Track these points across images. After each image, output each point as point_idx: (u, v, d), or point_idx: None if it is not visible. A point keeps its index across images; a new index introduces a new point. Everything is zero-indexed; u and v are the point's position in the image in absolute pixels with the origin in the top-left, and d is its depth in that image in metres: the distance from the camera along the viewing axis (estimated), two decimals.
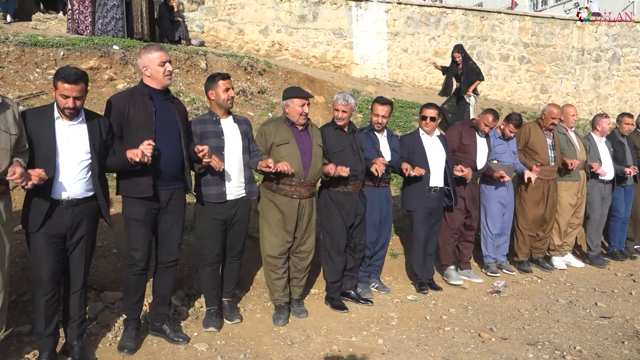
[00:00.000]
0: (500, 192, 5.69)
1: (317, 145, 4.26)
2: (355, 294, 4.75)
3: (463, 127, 5.59)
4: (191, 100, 7.11)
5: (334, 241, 4.51)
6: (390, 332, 4.12)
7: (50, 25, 9.15)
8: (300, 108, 4.14)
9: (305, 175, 4.15)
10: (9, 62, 6.49)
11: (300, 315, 4.33)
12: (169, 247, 3.68)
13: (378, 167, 4.52)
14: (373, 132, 4.89)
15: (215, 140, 3.85)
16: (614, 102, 13.36)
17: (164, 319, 3.74)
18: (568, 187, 6.03)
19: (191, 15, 10.93)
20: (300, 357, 3.62)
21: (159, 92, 3.56)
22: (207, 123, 3.92)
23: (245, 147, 4.02)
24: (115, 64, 7.17)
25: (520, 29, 12.93)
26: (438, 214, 5.16)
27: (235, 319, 4.12)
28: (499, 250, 5.87)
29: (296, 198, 4.14)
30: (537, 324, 4.39)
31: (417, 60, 12.30)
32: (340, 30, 11.87)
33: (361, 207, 4.61)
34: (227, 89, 3.90)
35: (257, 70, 8.68)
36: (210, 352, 3.59)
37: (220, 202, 3.88)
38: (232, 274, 4.17)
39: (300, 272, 4.36)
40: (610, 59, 13.40)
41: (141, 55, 3.53)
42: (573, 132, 6.25)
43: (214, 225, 3.91)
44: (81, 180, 3.20)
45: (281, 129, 4.18)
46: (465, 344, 3.92)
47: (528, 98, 12.88)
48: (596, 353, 3.81)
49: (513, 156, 5.80)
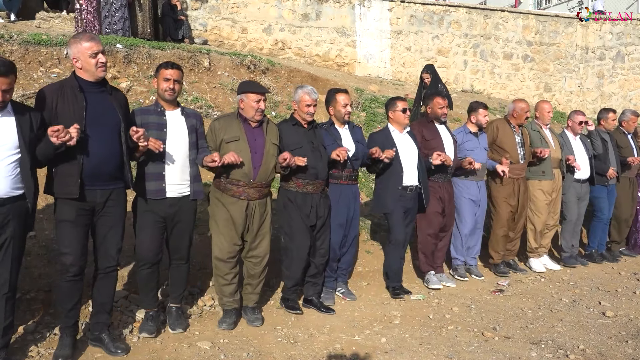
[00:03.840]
0: (471, 189, 5.40)
1: (271, 144, 3.99)
2: (317, 302, 4.47)
3: (421, 123, 5.28)
4: (194, 99, 7.11)
5: (295, 244, 4.24)
6: (393, 330, 4.12)
7: (54, 24, 9.16)
8: (256, 104, 3.87)
9: (255, 175, 3.88)
10: (13, 60, 6.48)
11: (254, 323, 4.04)
12: (107, 252, 3.41)
13: (340, 152, 4.23)
14: (333, 126, 4.58)
15: (157, 133, 3.59)
16: (618, 100, 13.32)
17: (103, 328, 3.48)
18: (543, 186, 5.84)
19: (194, 14, 10.93)
20: (303, 355, 3.62)
21: (92, 84, 3.29)
22: (150, 114, 3.66)
23: (192, 142, 3.76)
24: (118, 62, 7.17)
25: (524, 27, 12.90)
26: (412, 214, 4.92)
27: (178, 329, 3.81)
28: (469, 252, 5.57)
29: (244, 199, 3.89)
30: (540, 323, 4.38)
31: (421, 58, 12.27)
32: (344, 29, 11.86)
33: (323, 208, 4.32)
34: (167, 79, 3.63)
35: (260, 68, 8.67)
36: (214, 351, 3.59)
37: (158, 199, 3.63)
38: (178, 278, 3.90)
39: (254, 277, 4.08)
40: (614, 58, 13.36)
41: (71, 45, 3.25)
42: (548, 129, 6.06)
43: (151, 223, 3.65)
44: (7, 177, 2.98)
45: (232, 125, 3.91)
46: (469, 343, 3.91)
47: (532, 97, 12.83)
48: (600, 352, 3.80)
49: (485, 153, 5.51)
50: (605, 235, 6.64)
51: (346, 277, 4.91)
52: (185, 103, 6.98)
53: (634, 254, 6.78)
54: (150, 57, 7.53)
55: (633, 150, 6.69)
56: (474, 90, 12.49)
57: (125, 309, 4.01)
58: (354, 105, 8.71)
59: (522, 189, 5.70)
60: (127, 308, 4.03)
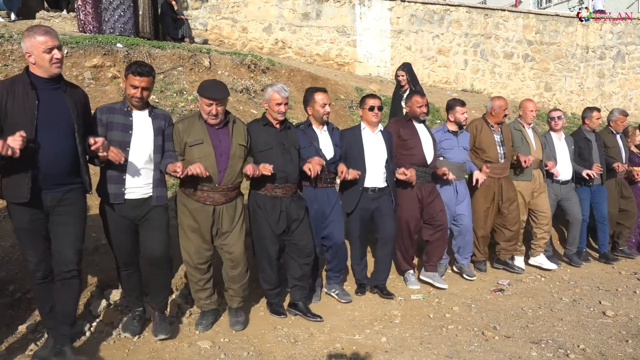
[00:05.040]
0: (445, 193, 5.22)
1: (238, 145, 3.78)
2: (303, 307, 4.28)
3: (398, 123, 5.11)
4: (194, 99, 7.11)
5: (263, 250, 4.11)
6: (393, 330, 4.12)
7: (54, 23, 9.16)
8: (207, 108, 3.67)
9: (220, 179, 3.68)
10: (13, 60, 6.51)
11: (235, 327, 3.93)
12: (62, 255, 3.17)
13: (312, 166, 4.06)
14: (311, 127, 4.40)
15: (121, 134, 3.44)
16: (618, 100, 13.33)
17: (65, 341, 3.21)
18: (522, 188, 5.72)
19: (194, 13, 10.93)
20: (303, 355, 3.62)
21: (45, 80, 3.10)
22: (116, 113, 3.48)
23: (158, 145, 3.57)
24: (119, 62, 7.17)
25: (524, 26, 12.90)
26: (384, 212, 4.70)
27: (161, 335, 3.66)
28: (460, 253, 5.46)
29: (210, 204, 3.71)
30: (540, 322, 4.38)
31: (421, 58, 12.28)
32: (344, 28, 11.86)
33: (296, 210, 4.14)
34: (135, 87, 3.45)
35: (260, 68, 8.67)
36: (214, 350, 3.59)
37: (118, 203, 3.47)
38: (158, 284, 3.73)
39: (234, 281, 3.90)
40: (614, 57, 13.36)
41: (24, 39, 3.04)
42: (531, 129, 5.91)
43: (118, 226, 3.52)
44: None
45: (196, 127, 3.70)
46: (469, 342, 3.91)
47: (532, 96, 12.83)
48: (600, 352, 3.80)
49: (463, 152, 5.36)
50: (585, 236, 6.38)
51: (339, 279, 4.77)
52: (186, 103, 6.98)
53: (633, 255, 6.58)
54: (150, 57, 7.53)
55: (621, 150, 6.54)
56: (474, 89, 12.50)
57: (125, 308, 4.01)
58: (354, 105, 8.73)
59: (504, 188, 5.54)
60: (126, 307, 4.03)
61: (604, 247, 6.46)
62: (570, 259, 6.25)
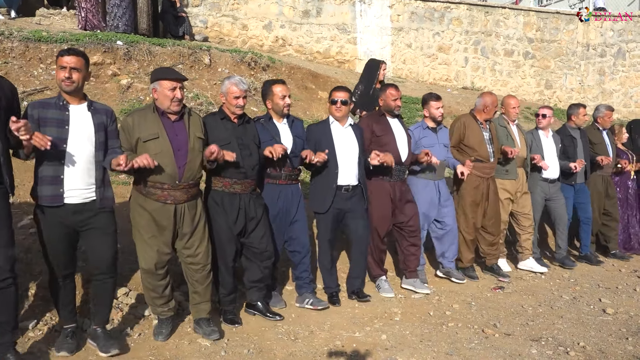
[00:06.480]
0: (427, 193, 5.00)
1: (196, 138, 3.54)
2: (262, 307, 4.10)
3: (371, 118, 4.85)
4: (195, 96, 7.10)
5: (220, 251, 3.85)
6: (393, 327, 4.12)
7: (54, 20, 9.16)
8: (171, 92, 3.40)
9: (181, 175, 3.44)
10: (13, 57, 6.50)
11: (211, 336, 3.64)
12: None
13: (274, 149, 3.87)
14: (271, 121, 4.20)
15: (56, 130, 3.10)
16: (619, 97, 13.32)
17: (8, 348, 3.01)
18: (505, 186, 5.50)
19: (195, 11, 10.93)
20: (303, 352, 3.62)
21: None
22: (50, 108, 3.15)
23: (100, 142, 3.26)
24: (119, 59, 7.17)
25: (525, 24, 12.88)
26: (357, 212, 4.50)
27: (113, 350, 3.30)
28: (445, 256, 5.21)
29: (171, 203, 3.45)
30: (540, 319, 4.39)
31: (421, 55, 12.28)
32: (344, 26, 11.85)
33: (254, 209, 3.92)
34: (63, 67, 3.11)
35: (260, 65, 8.66)
36: (214, 347, 3.60)
37: (55, 206, 3.14)
38: (102, 296, 3.41)
39: (200, 284, 3.66)
40: (615, 55, 13.34)
41: None
42: (515, 126, 5.72)
43: (54, 233, 3.20)
44: None
45: (149, 121, 3.42)
46: (469, 340, 3.91)
47: (532, 94, 12.84)
48: (600, 349, 3.80)
49: (444, 150, 5.08)
50: (589, 238, 6.27)
51: (310, 287, 4.45)
52: (186, 100, 6.96)
53: (626, 257, 6.46)
54: (150, 54, 7.53)
55: (607, 147, 6.40)
56: (474, 87, 12.48)
57: (126, 306, 4.01)
58: None
59: (491, 189, 5.32)
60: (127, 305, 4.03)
61: (586, 249, 6.29)
62: (562, 262, 6.04)
